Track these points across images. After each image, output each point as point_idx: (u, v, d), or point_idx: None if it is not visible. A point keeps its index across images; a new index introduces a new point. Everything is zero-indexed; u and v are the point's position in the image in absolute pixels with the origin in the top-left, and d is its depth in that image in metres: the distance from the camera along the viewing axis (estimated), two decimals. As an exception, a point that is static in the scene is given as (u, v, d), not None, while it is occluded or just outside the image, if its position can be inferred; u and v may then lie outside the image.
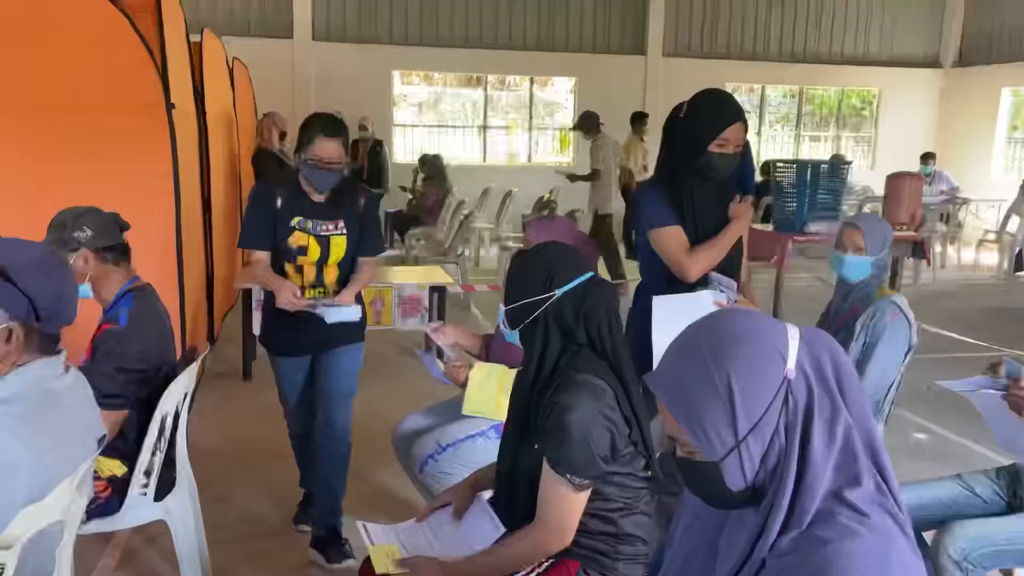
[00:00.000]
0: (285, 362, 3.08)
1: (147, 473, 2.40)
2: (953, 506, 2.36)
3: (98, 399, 2.25)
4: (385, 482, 3.63)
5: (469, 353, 3.00)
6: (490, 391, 2.61)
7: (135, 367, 2.36)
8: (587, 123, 8.09)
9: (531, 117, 12.73)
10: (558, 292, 1.84)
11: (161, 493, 2.49)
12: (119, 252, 2.48)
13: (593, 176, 7.94)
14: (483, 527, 1.88)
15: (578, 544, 1.80)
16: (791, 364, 1.07)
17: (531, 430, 1.82)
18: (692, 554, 1.23)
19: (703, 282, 2.66)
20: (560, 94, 13.53)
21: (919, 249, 5.94)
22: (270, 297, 2.97)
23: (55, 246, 2.35)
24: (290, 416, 3.21)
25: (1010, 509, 2.34)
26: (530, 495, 1.80)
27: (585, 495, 1.75)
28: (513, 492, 1.89)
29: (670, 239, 2.66)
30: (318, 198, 2.91)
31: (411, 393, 4.41)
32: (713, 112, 2.69)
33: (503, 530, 1.91)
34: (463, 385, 2.65)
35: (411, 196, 9.72)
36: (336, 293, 2.99)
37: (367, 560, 1.91)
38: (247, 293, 4.93)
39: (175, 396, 2.40)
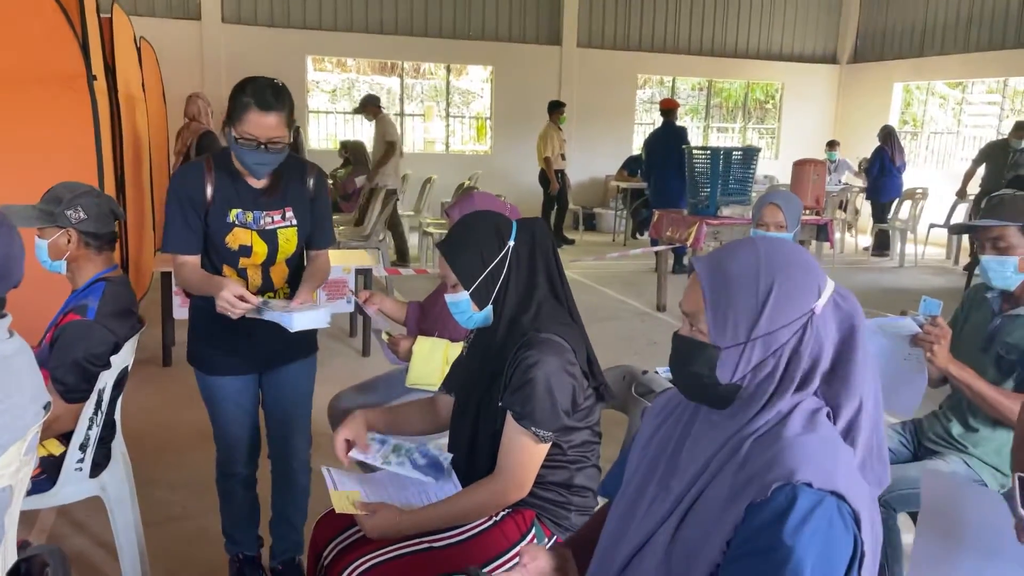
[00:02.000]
0: (226, 383, 2.47)
1: (83, 448, 2.34)
2: (865, 457, 2.54)
3: (60, 391, 2.21)
4: (320, 460, 3.62)
5: (393, 320, 3.04)
6: (434, 364, 2.65)
7: (100, 361, 2.31)
8: (368, 104, 8.52)
9: (448, 105, 12.72)
10: (511, 242, 1.88)
11: (96, 470, 2.44)
12: (105, 240, 2.43)
13: (390, 150, 8.12)
14: (445, 485, 1.93)
15: (533, 495, 1.86)
16: (822, 302, 1.19)
17: (493, 389, 1.87)
18: (655, 461, 1.31)
19: None
20: (476, 83, 13.57)
21: (823, 231, 6.27)
22: (199, 304, 2.42)
23: (42, 218, 2.30)
24: (232, 452, 2.56)
25: (915, 457, 2.55)
26: (491, 452, 1.85)
27: (546, 448, 1.81)
28: (473, 452, 1.93)
29: None
30: (257, 182, 2.35)
31: (337, 376, 4.40)
32: None
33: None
34: (406, 359, 2.69)
35: (331, 181, 9.61)
36: (289, 296, 2.44)
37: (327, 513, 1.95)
38: (166, 276, 4.79)
39: (113, 370, 2.36)
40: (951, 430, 2.46)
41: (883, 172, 10.04)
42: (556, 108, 10.45)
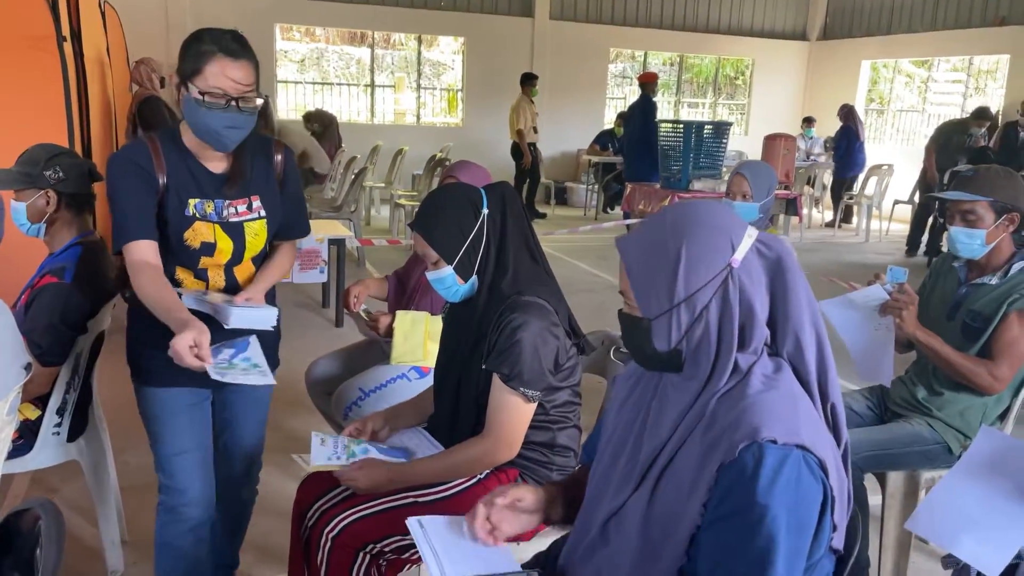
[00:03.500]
0: (178, 396, 2.02)
1: (60, 412, 2.33)
2: (834, 421, 2.61)
3: (36, 354, 2.19)
4: (294, 427, 3.64)
5: (378, 299, 3.04)
6: (416, 339, 2.66)
7: (77, 325, 2.28)
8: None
9: (419, 76, 12.61)
10: (485, 210, 1.90)
11: (73, 435, 2.43)
12: (83, 202, 2.39)
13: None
14: (425, 451, 1.95)
15: (517, 454, 1.90)
16: (739, 256, 1.20)
17: (475, 355, 1.89)
18: (629, 425, 1.35)
19: None
20: (447, 55, 13.46)
21: (792, 205, 6.36)
22: (137, 312, 1.97)
23: (21, 179, 2.26)
24: (187, 488, 2.04)
25: (881, 421, 2.63)
26: (475, 418, 1.88)
27: (533, 407, 1.85)
28: (456, 418, 1.96)
29: None
30: (217, 165, 1.95)
31: (311, 348, 4.39)
32: None
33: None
34: (387, 336, 2.70)
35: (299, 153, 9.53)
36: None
37: (306, 478, 1.96)
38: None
39: (90, 335, 2.34)
40: (916, 394, 2.54)
41: (850, 149, 10.29)
42: (528, 80, 10.41)
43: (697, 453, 1.20)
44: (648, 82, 8.84)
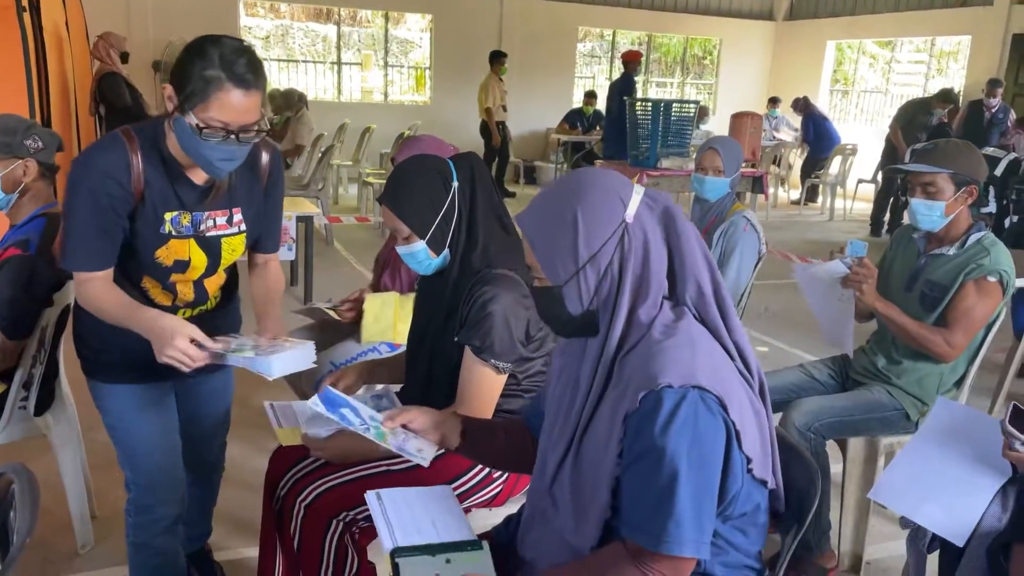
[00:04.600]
0: (140, 392, 1.92)
1: (26, 386, 2.31)
2: (796, 389, 2.68)
3: (1, 327, 2.16)
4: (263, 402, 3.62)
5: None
6: (387, 320, 2.66)
7: (42, 297, 2.26)
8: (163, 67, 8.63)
9: (387, 54, 12.49)
10: (455, 183, 1.90)
11: (40, 409, 2.41)
12: (55, 172, 2.36)
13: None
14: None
15: (488, 422, 1.92)
16: (631, 211, 1.26)
17: (448, 327, 1.90)
18: (561, 396, 1.40)
19: None
20: (414, 32, 13.33)
21: (759, 184, 6.44)
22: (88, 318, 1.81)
23: (2, 150, 2.21)
24: (155, 487, 1.98)
25: (842, 389, 2.70)
26: (448, 390, 1.90)
27: (504, 379, 1.86)
28: (429, 390, 1.97)
29: None
30: (201, 175, 1.77)
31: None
32: None
33: None
34: (356, 321, 2.70)
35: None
36: (219, 304, 1.96)
37: (277, 449, 1.97)
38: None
39: (55, 308, 2.32)
40: (876, 363, 2.61)
41: (819, 132, 10.58)
42: (497, 59, 10.36)
43: (609, 409, 1.26)
44: (631, 60, 8.89)
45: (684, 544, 1.16)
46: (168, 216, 1.74)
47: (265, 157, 1.88)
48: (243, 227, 1.85)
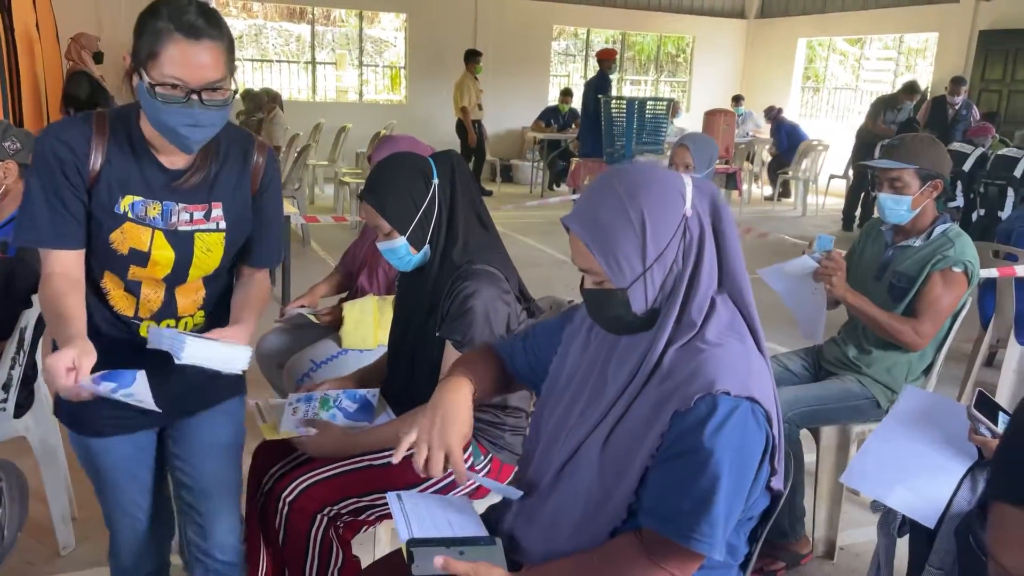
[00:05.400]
0: (113, 447, 1.73)
1: (5, 388, 2.31)
2: (771, 380, 2.73)
3: None
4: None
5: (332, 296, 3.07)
6: (367, 326, 2.69)
7: (21, 298, 2.25)
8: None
9: (361, 53, 12.45)
10: (436, 180, 1.93)
11: (19, 411, 2.40)
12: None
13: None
14: (380, 419, 1.99)
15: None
16: (688, 205, 1.27)
17: (429, 323, 1.93)
18: (585, 375, 1.40)
19: None
20: (389, 32, 13.31)
21: (732, 180, 6.52)
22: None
23: None
24: (134, 551, 1.85)
25: (815, 379, 2.76)
26: (429, 385, 1.92)
27: None
28: (411, 385, 1.99)
29: None
30: (175, 160, 1.61)
31: (259, 323, 4.37)
32: None
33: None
34: (336, 327, 2.73)
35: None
36: (205, 330, 1.63)
37: (261, 444, 1.99)
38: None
39: (34, 309, 2.31)
40: (847, 353, 2.67)
41: (792, 142, 10.71)
42: (472, 57, 10.38)
43: (652, 401, 1.27)
44: (606, 58, 8.93)
45: (714, 546, 1.18)
46: (126, 200, 1.58)
47: (259, 158, 1.71)
48: (222, 224, 1.65)
